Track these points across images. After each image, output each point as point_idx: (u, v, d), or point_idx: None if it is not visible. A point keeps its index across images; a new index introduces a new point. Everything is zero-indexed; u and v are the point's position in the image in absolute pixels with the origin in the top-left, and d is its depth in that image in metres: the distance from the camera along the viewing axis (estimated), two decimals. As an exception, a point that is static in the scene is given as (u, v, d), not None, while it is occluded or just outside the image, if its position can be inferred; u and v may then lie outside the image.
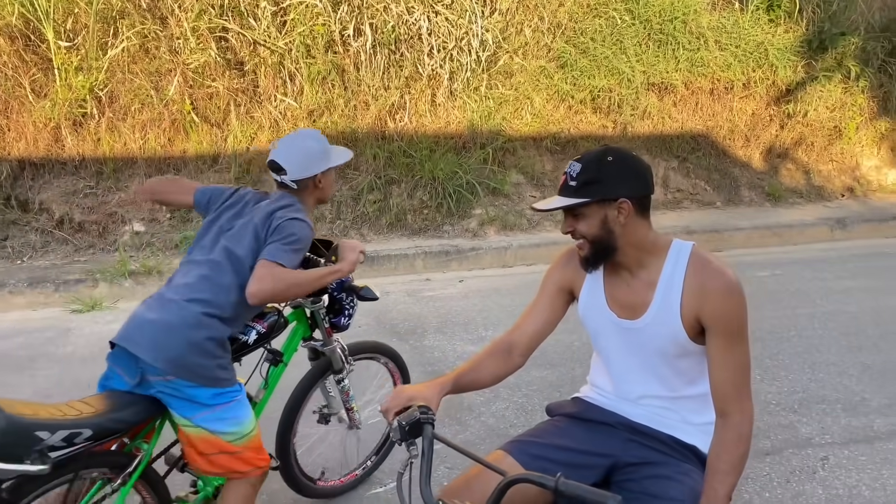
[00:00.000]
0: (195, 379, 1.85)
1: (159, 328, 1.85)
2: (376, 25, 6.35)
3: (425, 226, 6.26)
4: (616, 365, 1.68)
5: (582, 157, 1.57)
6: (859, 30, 7.83)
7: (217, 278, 1.95)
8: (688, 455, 1.60)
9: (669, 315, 1.53)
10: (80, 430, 1.65)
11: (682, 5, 7.18)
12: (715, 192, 7.52)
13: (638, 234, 1.55)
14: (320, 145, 2.15)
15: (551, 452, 1.60)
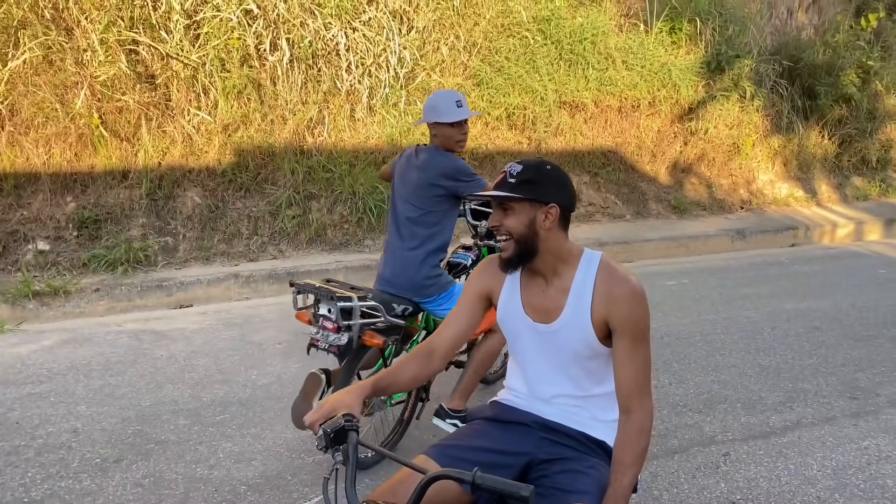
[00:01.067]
0: (431, 294, 2.94)
1: (398, 276, 2.93)
2: (293, 40, 6.34)
3: (346, 240, 6.25)
4: (531, 367, 1.76)
5: (522, 160, 1.68)
6: (752, 53, 8.37)
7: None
8: (596, 450, 1.70)
9: (581, 319, 1.63)
10: (408, 307, 2.92)
11: (591, 27, 7.50)
12: (624, 206, 7.84)
13: (558, 241, 1.67)
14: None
15: (470, 454, 1.67)
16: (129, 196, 5.85)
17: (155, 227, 5.85)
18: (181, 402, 3.50)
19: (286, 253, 6.05)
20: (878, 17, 9.28)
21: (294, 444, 3.11)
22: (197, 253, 5.81)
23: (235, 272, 5.53)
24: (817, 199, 8.62)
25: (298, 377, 3.83)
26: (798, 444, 3.11)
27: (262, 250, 6.01)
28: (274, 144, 6.32)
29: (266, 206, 6.21)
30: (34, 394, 3.57)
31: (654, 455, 3.04)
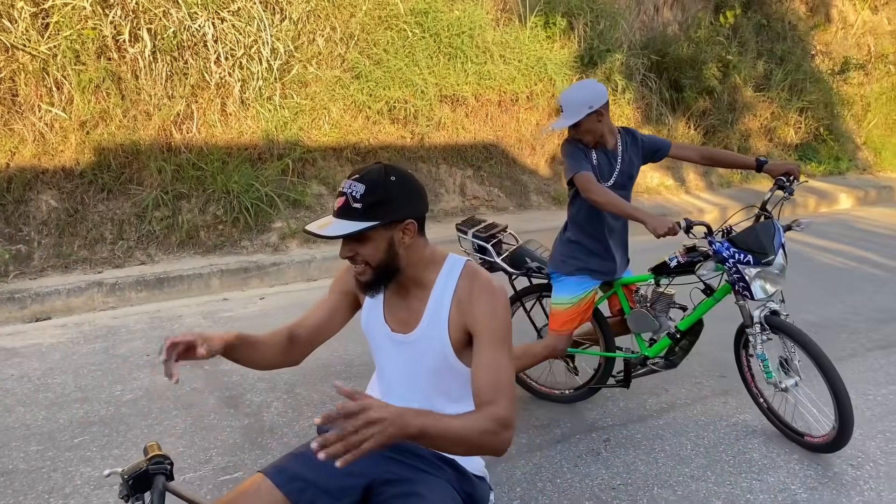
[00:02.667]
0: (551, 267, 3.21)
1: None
2: (155, 31, 5.95)
3: (221, 242, 5.95)
4: (385, 379, 1.68)
5: (361, 175, 1.52)
6: (623, 47, 8.69)
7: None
8: (445, 469, 1.62)
9: (438, 328, 1.56)
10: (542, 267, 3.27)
11: (468, 20, 7.52)
12: (507, 198, 7.94)
13: (419, 252, 1.58)
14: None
15: (309, 473, 1.54)
16: (-28, 200, 5.31)
17: (4, 234, 5.33)
18: (33, 425, 3.18)
19: (155, 257, 5.68)
20: (734, 14, 9.88)
21: (161, 463, 2.88)
22: (55, 261, 5.34)
23: (99, 280, 5.13)
24: (686, 187, 9.07)
25: (167, 390, 3.58)
26: (673, 425, 3.22)
27: (129, 255, 5.61)
28: (138, 142, 5.91)
29: (131, 207, 5.80)
30: None
31: (537, 446, 3.05)
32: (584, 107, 2.83)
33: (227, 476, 2.82)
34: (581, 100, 2.84)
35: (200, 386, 3.64)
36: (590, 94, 2.85)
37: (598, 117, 2.86)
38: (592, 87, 2.88)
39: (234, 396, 3.53)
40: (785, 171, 3.04)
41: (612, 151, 3.01)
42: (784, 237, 2.91)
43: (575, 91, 2.89)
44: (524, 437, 3.13)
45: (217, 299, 5.25)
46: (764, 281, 2.86)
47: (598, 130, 2.91)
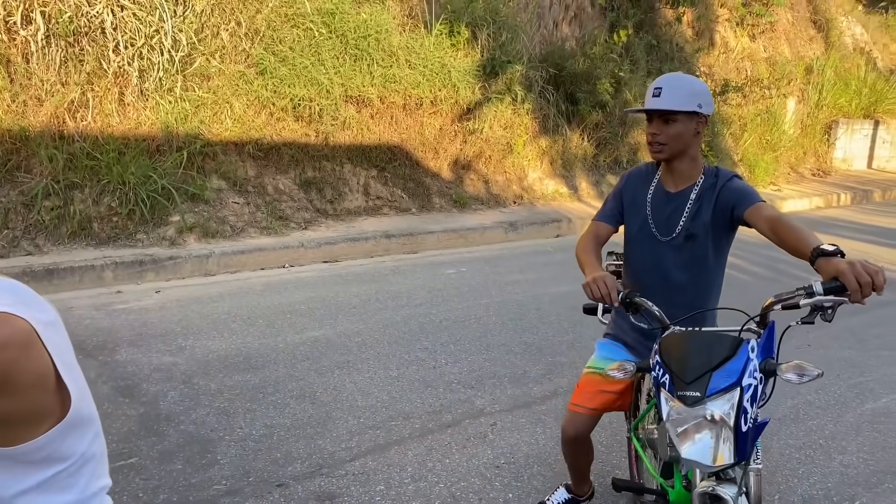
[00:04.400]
0: None
1: None
2: (50, 14, 5.75)
3: (115, 234, 5.82)
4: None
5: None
6: (523, 59, 9.07)
7: None
8: None
9: None
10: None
11: (374, 24, 7.65)
12: (410, 200, 8.12)
13: None
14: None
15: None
16: None
17: None
18: None
19: (44, 248, 5.49)
20: (627, 34, 10.49)
21: None
22: (-70, 249, 5.07)
23: (-19, 270, 4.91)
24: (578, 195, 9.56)
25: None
26: (554, 411, 3.48)
27: (15, 245, 5.40)
28: (27, 128, 5.69)
29: (18, 196, 5.58)
30: None
31: (428, 430, 3.23)
32: (692, 99, 2.07)
33: (122, 461, 2.84)
34: (692, 90, 2.09)
35: (93, 376, 3.60)
36: (703, 91, 2.11)
37: (697, 126, 2.11)
38: (705, 88, 2.14)
39: (130, 386, 3.52)
40: (838, 275, 1.64)
41: (682, 193, 2.17)
42: (756, 366, 1.76)
43: (684, 79, 2.13)
44: (417, 422, 3.30)
45: (110, 292, 5.14)
46: (685, 435, 1.66)
47: (687, 147, 2.12)
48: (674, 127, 2.09)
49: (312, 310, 4.89)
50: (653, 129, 2.13)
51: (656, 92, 2.09)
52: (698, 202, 2.15)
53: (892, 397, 3.86)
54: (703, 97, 2.10)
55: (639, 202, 2.27)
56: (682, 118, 2.08)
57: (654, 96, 2.10)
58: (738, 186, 2.11)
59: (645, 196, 2.26)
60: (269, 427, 3.20)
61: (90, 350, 3.96)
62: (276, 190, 7.11)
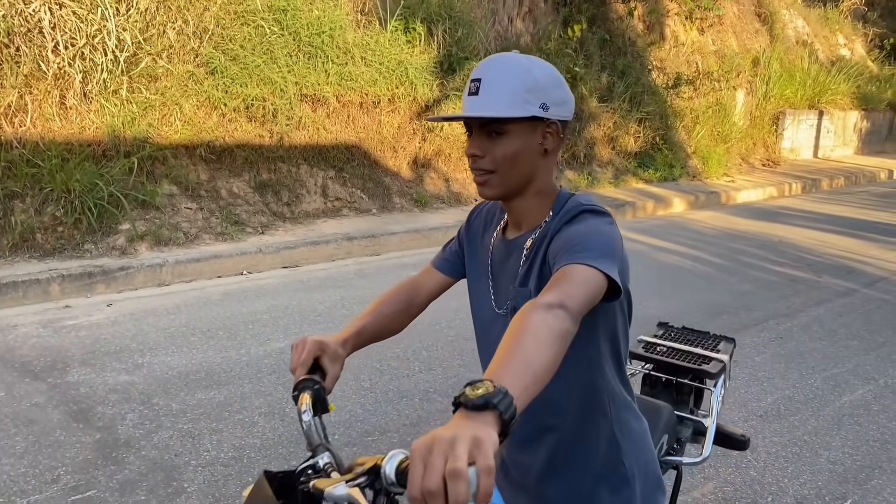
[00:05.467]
0: None
1: None
2: (-19, 13, 5.40)
3: (61, 245, 5.50)
4: None
5: None
6: (480, 55, 8.96)
7: None
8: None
9: None
10: None
11: (328, 20, 7.45)
12: (370, 200, 7.94)
13: None
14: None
15: None
16: None
17: None
18: None
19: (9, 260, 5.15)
20: (581, 28, 10.48)
21: (3, 486, 2.63)
22: None
23: (-87, 288, 4.57)
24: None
25: (3, 405, 3.26)
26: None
27: (-49, 260, 5.05)
28: (-39, 135, 5.33)
29: (-47, 207, 5.22)
30: None
31: (407, 445, 3.08)
32: (529, 97, 1.23)
33: (77, 496, 2.62)
34: (527, 83, 1.24)
35: (42, 401, 3.35)
36: (548, 82, 1.26)
37: (546, 140, 1.29)
38: (552, 76, 1.28)
39: (83, 410, 3.28)
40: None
41: (519, 242, 1.36)
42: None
43: (514, 65, 1.25)
44: (395, 436, 3.16)
45: (58, 307, 4.84)
46: None
47: (531, 174, 1.30)
48: (503, 143, 1.24)
49: (275, 319, 4.68)
50: (472, 147, 1.27)
51: (473, 87, 1.24)
52: (531, 257, 1.30)
53: (867, 388, 3.87)
54: (548, 91, 1.24)
55: (479, 253, 1.47)
56: (516, 129, 1.23)
57: (470, 94, 1.25)
58: (571, 233, 1.20)
59: (487, 244, 1.45)
60: (238, 448, 3.02)
61: (38, 371, 3.69)
62: (230, 194, 6.85)
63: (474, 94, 1.23)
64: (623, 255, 1.19)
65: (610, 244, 1.15)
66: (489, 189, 1.29)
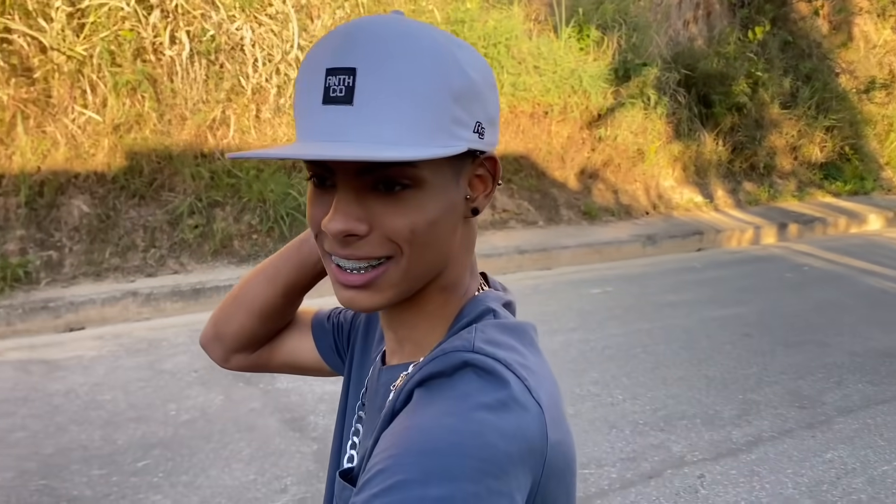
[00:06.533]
0: None
1: None
2: (193, 34, 5.79)
3: (255, 252, 5.78)
4: None
5: None
6: (657, 61, 8.58)
7: None
8: None
9: None
10: None
11: (504, 30, 7.39)
12: (537, 212, 7.79)
13: None
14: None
15: None
16: (4, 204, 5.12)
17: (36, 239, 5.14)
18: (91, 446, 3.00)
19: (188, 266, 5.50)
20: (763, 30, 9.79)
21: (237, 491, 2.71)
22: (86, 268, 5.16)
23: (133, 289, 4.94)
24: (714, 204, 8.95)
25: (224, 410, 3.40)
26: (767, 461, 3.06)
27: (161, 264, 5.43)
28: (171, 147, 5.74)
29: (164, 214, 5.62)
30: None
31: (629, 481, 2.89)
32: (457, 110, 0.62)
33: (305, 509, 2.65)
34: (450, 80, 0.61)
35: (258, 406, 3.46)
36: (478, 73, 0.65)
37: (474, 187, 0.70)
38: (475, 58, 0.66)
39: (297, 419, 3.35)
40: None
41: (393, 372, 0.74)
42: None
43: (418, 37, 0.60)
44: (612, 470, 2.97)
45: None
46: None
47: (448, 253, 0.69)
48: (410, 206, 0.64)
49: (462, 333, 4.63)
50: (341, 215, 0.63)
51: (336, 83, 0.60)
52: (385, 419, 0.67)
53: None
54: (483, 99, 0.66)
55: (362, 368, 0.89)
56: (434, 176, 0.64)
57: (330, 97, 0.60)
58: (398, 430, 0.61)
59: (370, 361, 0.87)
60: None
61: (249, 377, 3.83)
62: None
63: (340, 99, 0.59)
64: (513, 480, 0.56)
65: (464, 466, 0.54)
66: (377, 295, 0.67)
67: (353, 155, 0.58)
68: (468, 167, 0.68)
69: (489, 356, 0.62)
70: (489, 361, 0.61)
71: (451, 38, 0.65)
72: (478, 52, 0.68)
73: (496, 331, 0.67)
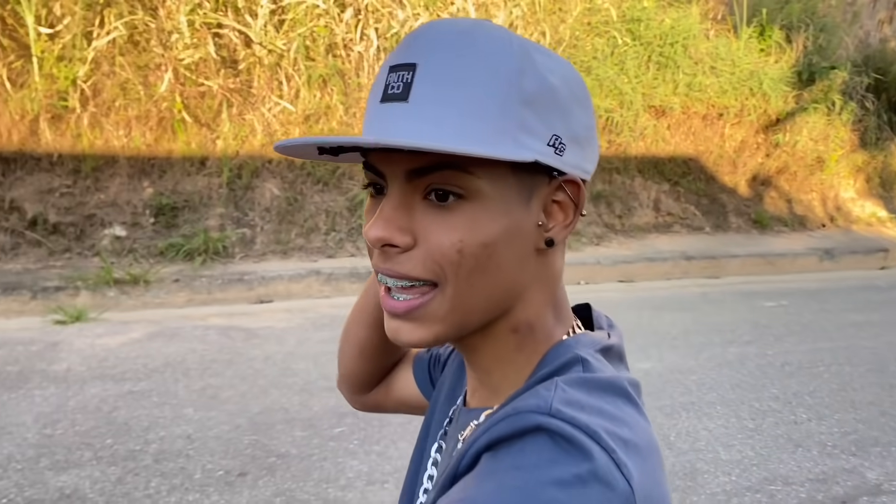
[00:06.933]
0: None
1: None
2: (381, 31, 6.11)
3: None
4: None
5: None
6: (845, 64, 8.01)
7: None
8: None
9: None
10: None
11: (682, 30, 7.19)
12: (704, 217, 7.53)
13: None
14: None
15: None
16: (208, 184, 5.67)
17: (233, 217, 5.66)
18: (291, 410, 3.28)
19: (363, 251, 5.83)
20: (973, 33, 8.86)
21: (424, 467, 2.87)
22: (274, 246, 5.61)
23: (316, 268, 5.32)
24: (902, 220, 8.24)
25: (407, 389, 3.59)
26: (980, 501, 2.83)
27: (340, 247, 5.79)
28: (354, 137, 6.10)
29: (344, 201, 5.99)
30: (135, 392, 3.38)
31: (817, 502, 2.77)
32: (527, 116, 0.54)
33: None
34: (522, 84, 0.54)
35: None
36: (561, 81, 0.57)
37: (550, 214, 0.59)
38: (563, 68, 0.58)
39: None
40: None
41: (473, 414, 0.65)
42: None
43: (490, 39, 0.54)
44: (801, 490, 2.85)
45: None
46: None
47: (517, 288, 0.59)
48: (460, 219, 0.55)
49: (630, 336, 4.57)
50: (382, 222, 0.55)
51: (395, 80, 0.55)
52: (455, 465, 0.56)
53: None
54: (565, 110, 0.57)
55: (450, 400, 0.81)
56: (492, 188, 0.55)
57: (388, 94, 0.56)
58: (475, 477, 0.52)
59: (454, 398, 0.80)
60: (628, 471, 2.96)
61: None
62: (568, 202, 6.95)
63: (396, 96, 0.55)
64: None
65: None
66: (421, 329, 0.58)
67: (379, 141, 0.50)
68: (543, 188, 0.58)
69: (569, 421, 0.50)
70: (568, 428, 0.49)
71: (534, 43, 0.57)
72: (571, 65, 0.60)
73: (582, 388, 0.54)
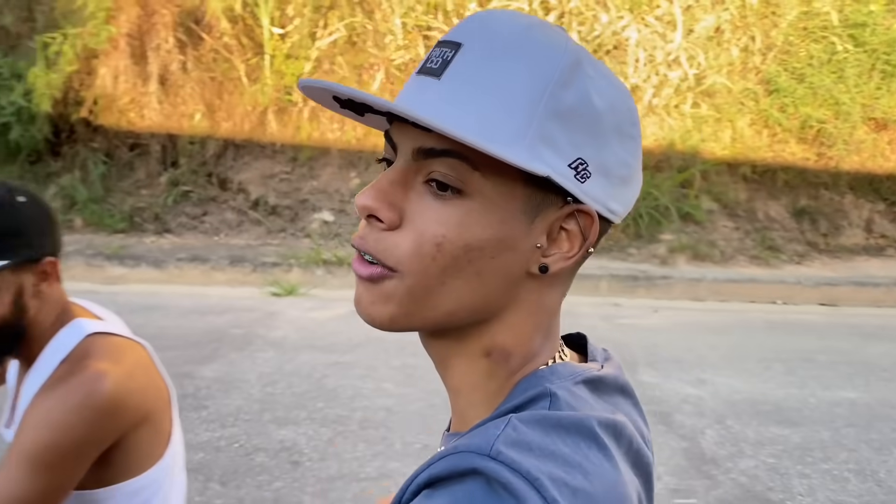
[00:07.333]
0: None
1: None
2: (583, 33, 6.13)
3: (609, 246, 5.97)
4: None
5: None
6: None
7: None
8: None
9: None
10: None
11: (915, 35, 6.54)
12: (925, 244, 6.79)
13: None
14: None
15: None
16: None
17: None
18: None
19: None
20: None
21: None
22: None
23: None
24: None
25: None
26: None
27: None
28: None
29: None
30: (341, 363, 3.69)
31: None
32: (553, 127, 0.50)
33: (680, 499, 2.73)
34: (556, 93, 0.50)
35: (624, 393, 3.62)
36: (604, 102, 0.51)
37: (554, 240, 0.54)
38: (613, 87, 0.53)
39: (664, 413, 3.43)
40: None
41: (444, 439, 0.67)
42: None
43: (540, 36, 0.51)
44: None
45: (608, 303, 5.25)
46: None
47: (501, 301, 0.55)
48: (455, 210, 0.51)
49: (833, 363, 4.28)
50: (372, 191, 0.52)
51: (435, 59, 0.52)
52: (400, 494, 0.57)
53: None
54: (598, 135, 0.52)
55: None
56: (494, 189, 0.51)
57: (425, 68, 0.53)
58: None
59: None
60: (833, 502, 2.78)
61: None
62: (766, 216, 6.56)
63: (431, 70, 0.52)
64: None
65: None
66: (377, 303, 0.52)
67: (386, 104, 0.48)
68: (552, 210, 0.53)
69: (508, 465, 0.45)
70: (506, 473, 0.45)
71: (596, 61, 0.53)
72: (630, 94, 0.55)
73: (538, 428, 0.48)
